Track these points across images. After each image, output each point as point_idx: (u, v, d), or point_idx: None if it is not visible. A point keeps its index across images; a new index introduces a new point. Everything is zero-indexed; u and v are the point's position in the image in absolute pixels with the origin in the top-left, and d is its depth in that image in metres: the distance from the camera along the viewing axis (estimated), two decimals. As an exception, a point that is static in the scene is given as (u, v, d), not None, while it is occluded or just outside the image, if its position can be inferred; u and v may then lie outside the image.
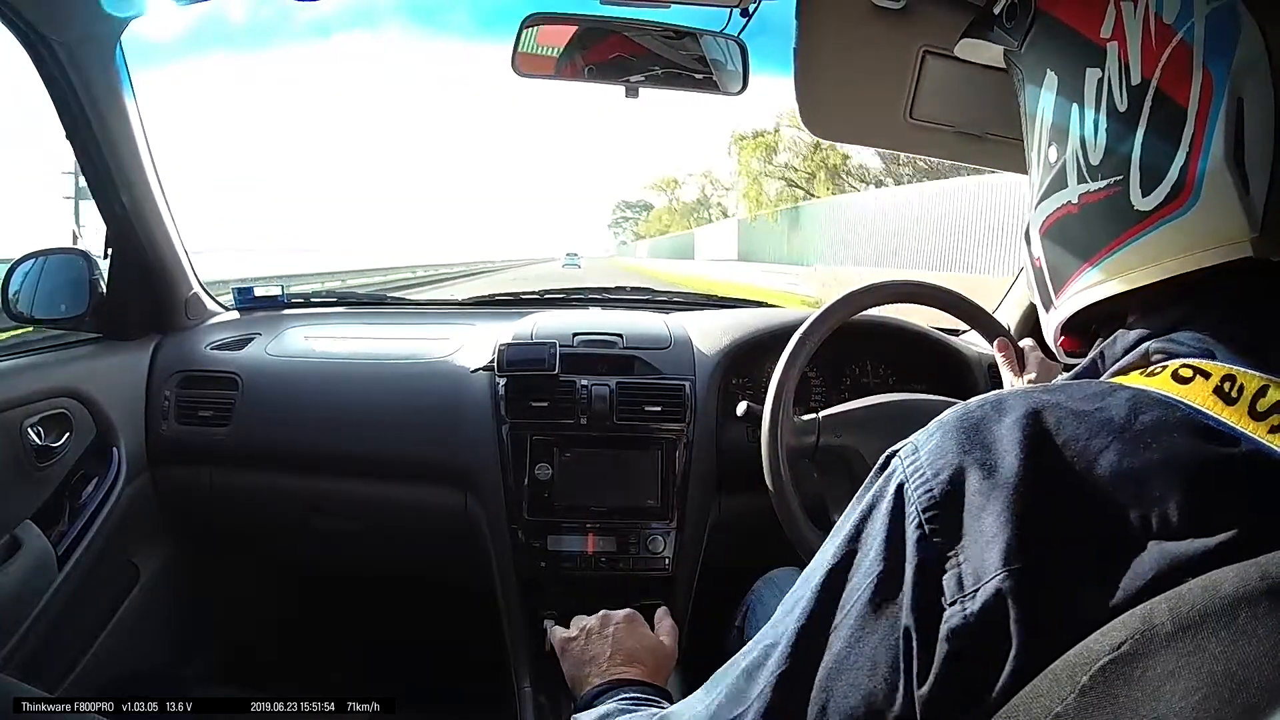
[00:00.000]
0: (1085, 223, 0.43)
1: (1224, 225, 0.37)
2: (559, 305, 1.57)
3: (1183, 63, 0.38)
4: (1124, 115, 0.40)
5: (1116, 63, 0.41)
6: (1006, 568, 0.32)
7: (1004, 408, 0.36)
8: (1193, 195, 0.37)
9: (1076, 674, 0.29)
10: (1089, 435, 0.33)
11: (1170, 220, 0.38)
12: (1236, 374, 0.34)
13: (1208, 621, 0.27)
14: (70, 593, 1.07)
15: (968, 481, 0.34)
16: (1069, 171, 0.44)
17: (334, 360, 1.30)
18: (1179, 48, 0.38)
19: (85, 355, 1.21)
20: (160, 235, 1.25)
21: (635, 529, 1.17)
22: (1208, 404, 0.33)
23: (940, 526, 0.34)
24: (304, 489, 1.27)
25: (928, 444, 0.36)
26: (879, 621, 0.35)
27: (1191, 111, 0.37)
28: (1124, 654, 0.28)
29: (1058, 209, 0.45)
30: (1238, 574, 0.28)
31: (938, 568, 0.34)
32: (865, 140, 0.92)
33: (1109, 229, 0.41)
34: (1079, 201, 0.43)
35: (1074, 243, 0.44)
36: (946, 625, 0.33)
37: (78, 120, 1.09)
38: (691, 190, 39.69)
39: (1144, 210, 0.39)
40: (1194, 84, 0.37)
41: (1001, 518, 0.32)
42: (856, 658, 0.36)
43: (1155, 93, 0.39)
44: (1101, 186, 0.42)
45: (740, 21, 1.04)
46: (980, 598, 0.32)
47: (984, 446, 0.34)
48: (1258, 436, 0.32)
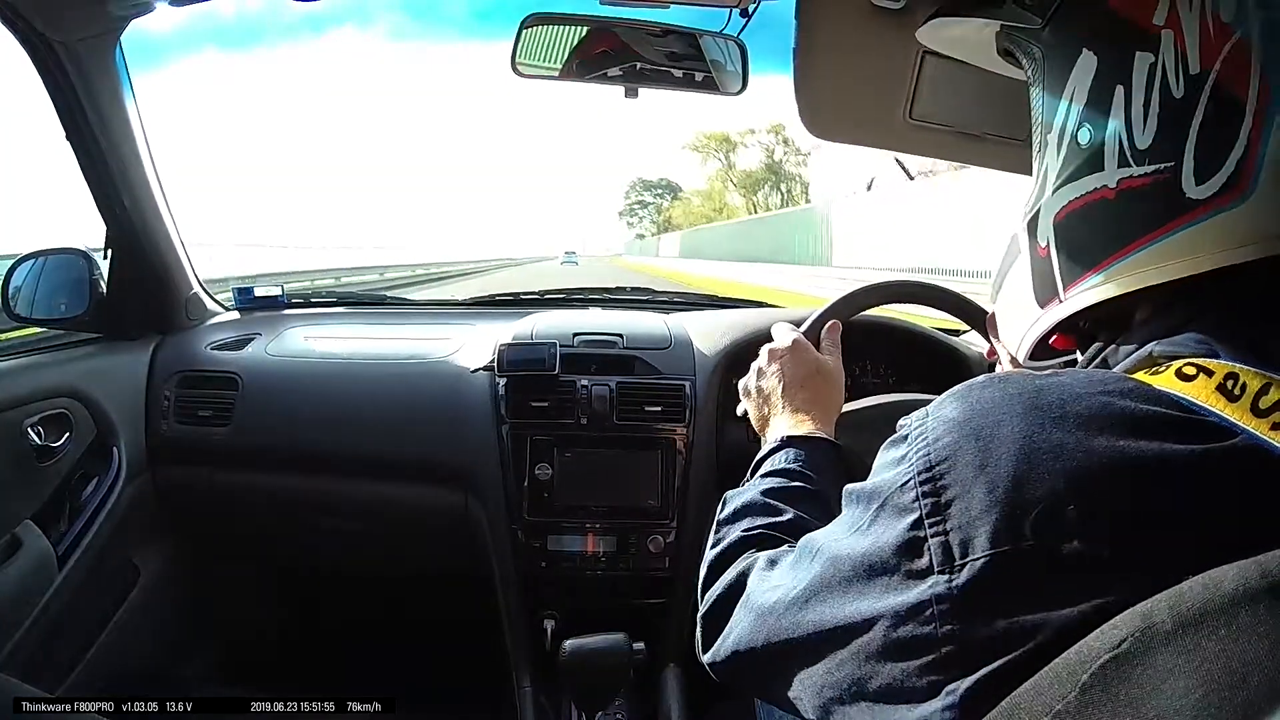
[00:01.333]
0: (1121, 209, 0.41)
1: (1273, 221, 0.36)
2: (559, 305, 1.58)
3: (1241, 60, 0.37)
4: (1179, 102, 0.39)
5: (1173, 50, 0.39)
6: (995, 549, 0.32)
7: (1010, 386, 0.36)
8: (1250, 187, 0.37)
9: (1077, 671, 0.29)
10: (1088, 421, 0.33)
11: (1224, 211, 0.37)
12: (1240, 372, 0.34)
13: (1208, 619, 0.27)
14: (70, 593, 1.08)
15: (964, 453, 0.35)
16: (1108, 154, 0.42)
17: (334, 360, 1.30)
18: (1238, 44, 0.37)
19: (85, 355, 1.21)
20: (160, 235, 1.25)
21: (635, 529, 1.17)
22: (1210, 400, 0.34)
23: (932, 490, 0.35)
24: (304, 489, 1.27)
25: (937, 411, 0.38)
26: (873, 579, 0.37)
27: (1250, 107, 0.37)
28: (1124, 652, 0.28)
29: (1086, 194, 0.43)
30: (1238, 572, 0.28)
31: (925, 531, 0.35)
32: (865, 140, 0.92)
33: (1153, 217, 0.39)
34: (1116, 186, 0.41)
35: (1103, 231, 0.42)
36: (930, 590, 0.34)
37: (78, 120, 1.09)
38: (754, 156, 29.03)
39: (1196, 199, 0.38)
40: (1253, 82, 0.37)
41: (992, 496, 0.33)
42: (854, 609, 0.38)
43: (1214, 84, 0.38)
44: (1148, 171, 0.40)
45: (740, 21, 1.04)
46: (965, 573, 0.33)
47: (986, 422, 0.35)
48: (1259, 432, 0.32)
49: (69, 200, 1.26)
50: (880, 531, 0.37)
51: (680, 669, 1.19)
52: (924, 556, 0.35)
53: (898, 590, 0.35)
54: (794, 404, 0.74)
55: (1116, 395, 0.34)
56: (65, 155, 1.12)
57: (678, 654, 1.20)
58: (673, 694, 1.16)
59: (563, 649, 0.94)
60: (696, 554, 1.18)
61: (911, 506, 0.36)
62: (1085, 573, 0.31)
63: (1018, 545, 0.32)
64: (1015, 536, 0.32)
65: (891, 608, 0.35)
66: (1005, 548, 0.32)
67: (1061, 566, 0.31)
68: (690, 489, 1.18)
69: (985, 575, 0.33)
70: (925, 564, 0.34)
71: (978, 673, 0.32)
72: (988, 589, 0.33)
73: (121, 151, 1.14)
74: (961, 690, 0.32)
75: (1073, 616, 0.31)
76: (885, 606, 0.36)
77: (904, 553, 0.36)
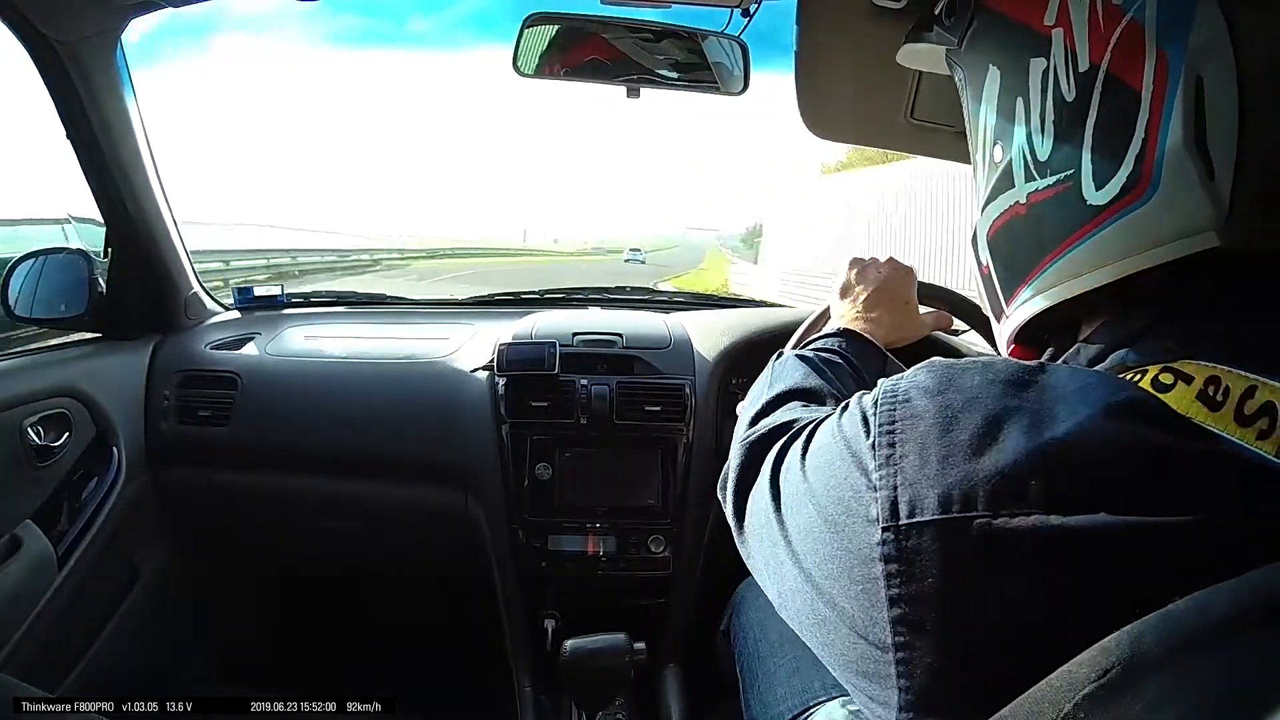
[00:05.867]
0: (1034, 224, 0.40)
1: (1187, 215, 0.34)
2: (559, 305, 1.57)
3: (1134, 44, 0.35)
4: (1072, 105, 0.38)
5: (1062, 49, 0.38)
6: (944, 513, 0.30)
7: (992, 371, 0.34)
8: (1151, 184, 0.34)
9: (1060, 701, 0.26)
10: (1067, 403, 0.31)
11: (1127, 213, 0.35)
12: (1221, 375, 0.32)
13: (1200, 644, 0.25)
14: (70, 593, 1.07)
15: (927, 415, 0.33)
16: (1016, 171, 0.41)
17: (333, 360, 1.30)
18: (1129, 28, 0.35)
19: (85, 355, 1.21)
20: (160, 235, 1.25)
21: (635, 529, 1.17)
22: (1191, 411, 0.31)
23: (887, 438, 0.34)
24: (303, 489, 1.27)
25: (913, 377, 0.36)
26: (835, 513, 0.36)
27: (1146, 95, 0.34)
28: (1110, 681, 0.25)
29: (1004, 211, 0.43)
30: (1231, 593, 0.26)
31: (869, 476, 0.34)
32: (866, 140, 0.92)
33: (1060, 228, 0.38)
34: (1027, 201, 0.41)
35: (1023, 246, 0.41)
36: (879, 547, 0.32)
37: (78, 120, 1.09)
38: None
39: (1097, 205, 0.36)
40: (1147, 66, 0.34)
41: (949, 461, 0.31)
42: (816, 550, 0.36)
43: (1105, 78, 0.36)
44: (1050, 183, 0.39)
45: (741, 22, 1.04)
46: (914, 535, 0.31)
47: (958, 395, 0.33)
48: (1245, 442, 0.30)
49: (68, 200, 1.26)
50: (839, 469, 0.36)
51: (680, 669, 1.19)
52: (872, 507, 0.33)
53: (851, 532, 0.34)
54: (866, 309, 0.74)
55: (1098, 385, 0.32)
56: (66, 155, 1.12)
57: (678, 654, 1.20)
58: (673, 694, 1.16)
59: (563, 649, 0.94)
60: (697, 554, 1.19)
61: (867, 453, 0.34)
62: (1041, 549, 0.29)
63: (967, 512, 0.30)
64: (966, 504, 0.30)
65: (846, 549, 0.34)
66: (954, 514, 0.30)
67: (1015, 540, 0.29)
68: (690, 489, 1.18)
69: (930, 539, 0.31)
70: (873, 514, 0.33)
71: (930, 650, 0.30)
72: (931, 554, 0.30)
73: (122, 151, 1.14)
74: (919, 665, 0.31)
75: (1021, 591, 0.29)
76: (841, 545, 0.34)
77: (855, 500, 0.34)
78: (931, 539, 0.31)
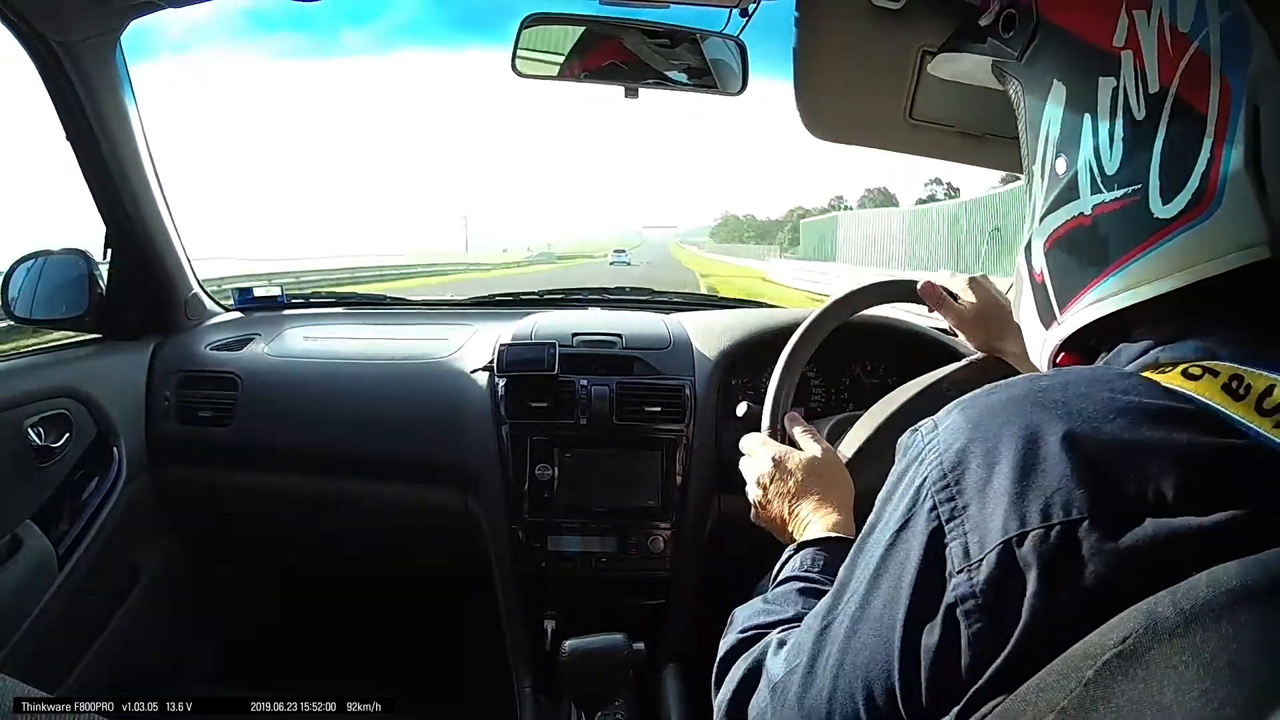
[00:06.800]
0: (1099, 234, 0.43)
1: (1244, 230, 0.37)
2: (559, 305, 1.57)
3: (1200, 71, 0.38)
4: (1141, 123, 0.40)
5: (1132, 71, 0.40)
6: (1006, 536, 0.33)
7: (1013, 389, 0.38)
8: (1214, 201, 0.38)
9: (1082, 668, 0.29)
10: (1094, 412, 0.34)
11: (1192, 227, 0.38)
12: (1244, 373, 0.35)
13: (1211, 615, 0.27)
14: (70, 593, 1.08)
15: (974, 456, 0.36)
16: (1081, 183, 0.43)
17: (334, 360, 1.30)
18: (1196, 56, 0.38)
19: (85, 355, 1.21)
20: (160, 236, 1.25)
21: (635, 529, 1.17)
22: (1215, 398, 0.34)
23: (947, 498, 0.36)
24: (304, 489, 1.27)
25: (945, 420, 0.39)
26: (890, 591, 0.38)
27: (1211, 119, 0.38)
28: (1129, 649, 0.28)
29: (1067, 221, 0.44)
30: (1241, 568, 0.28)
31: (944, 538, 0.36)
32: (865, 141, 0.91)
33: (1127, 239, 0.41)
34: (1092, 212, 0.43)
35: (1086, 255, 0.43)
36: (954, 593, 0.35)
37: (78, 120, 1.09)
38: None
39: (1164, 218, 0.39)
40: (1213, 91, 0.38)
41: (1000, 490, 0.34)
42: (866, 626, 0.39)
43: (1174, 100, 0.39)
44: (1118, 196, 0.41)
45: (740, 21, 1.04)
46: (985, 567, 0.34)
47: (991, 424, 0.36)
48: (1263, 430, 0.33)
49: (69, 201, 1.26)
50: (904, 550, 0.38)
51: (680, 669, 1.19)
52: (946, 564, 0.35)
53: (925, 602, 0.36)
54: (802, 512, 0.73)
55: (1120, 390, 0.35)
56: (66, 155, 1.12)
57: (678, 654, 1.20)
58: (673, 694, 1.16)
59: (563, 649, 0.94)
60: (696, 554, 1.19)
61: (931, 518, 0.37)
62: (1094, 556, 0.32)
63: (1024, 531, 0.33)
64: (1021, 522, 0.33)
65: (922, 619, 0.36)
66: (1013, 534, 0.33)
67: (1072, 549, 0.32)
68: (690, 489, 1.18)
69: (1000, 565, 0.33)
70: (948, 570, 0.35)
71: (997, 661, 0.33)
72: (1005, 577, 0.33)
73: (121, 152, 1.15)
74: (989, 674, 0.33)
75: (1085, 597, 0.31)
76: (916, 619, 0.36)
77: (928, 564, 0.36)
78: (1002, 561, 0.33)
